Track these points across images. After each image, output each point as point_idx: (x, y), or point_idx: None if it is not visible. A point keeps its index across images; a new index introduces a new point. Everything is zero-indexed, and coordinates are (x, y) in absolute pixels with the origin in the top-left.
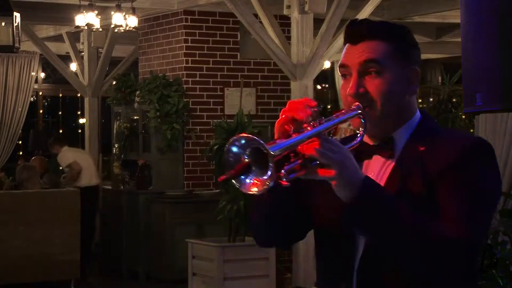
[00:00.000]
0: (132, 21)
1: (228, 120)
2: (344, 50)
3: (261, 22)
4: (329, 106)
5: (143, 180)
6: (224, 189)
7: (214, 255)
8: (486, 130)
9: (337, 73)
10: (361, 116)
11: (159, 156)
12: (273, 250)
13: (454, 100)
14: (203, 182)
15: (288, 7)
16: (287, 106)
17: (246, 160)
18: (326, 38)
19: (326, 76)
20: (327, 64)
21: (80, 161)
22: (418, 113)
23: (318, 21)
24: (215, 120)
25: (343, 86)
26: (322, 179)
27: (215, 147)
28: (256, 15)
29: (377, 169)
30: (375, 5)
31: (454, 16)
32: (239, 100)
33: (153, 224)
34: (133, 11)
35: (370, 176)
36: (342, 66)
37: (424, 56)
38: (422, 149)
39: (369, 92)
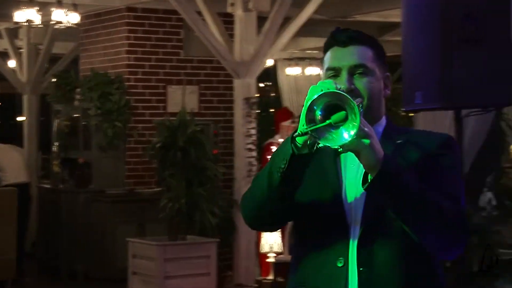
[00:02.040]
0: (74, 18)
1: (170, 118)
2: (331, 53)
3: (204, 20)
4: (272, 110)
5: (83, 178)
6: (165, 188)
7: (155, 254)
8: (426, 127)
9: (280, 71)
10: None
11: (100, 154)
12: (214, 248)
13: (393, 98)
14: (144, 181)
15: (232, 4)
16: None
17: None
18: (270, 36)
19: (269, 74)
20: (270, 62)
21: (3, 158)
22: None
23: (261, 19)
24: (157, 118)
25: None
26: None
27: (158, 145)
28: (199, 13)
29: (357, 160)
30: (318, 3)
31: (396, 15)
32: (182, 98)
33: (94, 223)
34: (75, 7)
35: (353, 163)
36: (332, 69)
37: None
38: (399, 142)
39: (357, 88)
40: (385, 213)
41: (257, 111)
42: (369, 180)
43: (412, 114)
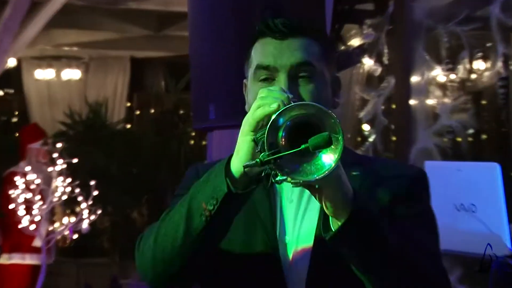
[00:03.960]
0: None
1: None
2: (262, 47)
3: None
4: (15, 119)
5: None
6: None
7: None
8: (222, 151)
9: (27, 74)
10: None
11: None
12: None
13: (181, 111)
14: None
15: None
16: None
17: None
18: (11, 27)
19: (10, 79)
20: (11, 62)
21: None
22: None
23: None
24: None
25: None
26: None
27: None
28: None
29: (298, 190)
30: None
31: (180, 3)
32: None
33: None
34: None
35: (292, 199)
36: (264, 68)
37: (141, 54)
38: (355, 174)
39: (302, 99)
40: (341, 270)
41: None
42: (333, 229)
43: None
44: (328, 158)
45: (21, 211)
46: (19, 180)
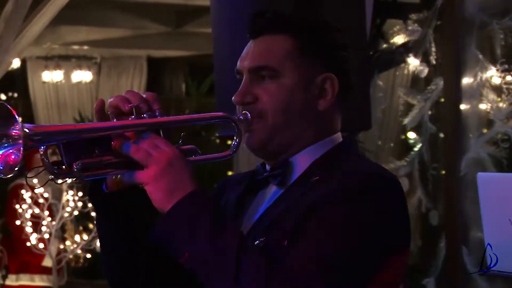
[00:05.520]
0: None
1: None
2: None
3: None
4: None
5: None
6: None
7: None
8: (251, 160)
9: (33, 76)
10: (234, 123)
11: None
12: None
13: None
14: None
15: None
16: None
17: None
18: (14, 22)
19: (13, 81)
20: (15, 63)
21: None
22: (337, 136)
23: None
24: None
25: None
26: (132, 182)
27: None
28: None
29: (268, 200)
30: None
31: None
32: None
33: None
34: None
35: (258, 208)
36: (237, 72)
37: (159, 53)
38: (315, 179)
39: (259, 101)
40: None
41: None
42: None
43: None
44: None
45: (28, 227)
46: (25, 194)
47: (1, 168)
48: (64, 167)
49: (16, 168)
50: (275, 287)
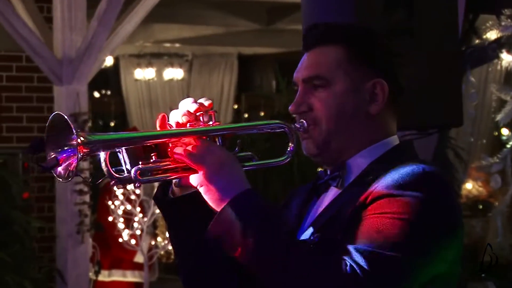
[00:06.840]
0: None
1: None
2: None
3: None
4: (113, 123)
5: None
6: None
7: None
8: None
9: (125, 74)
10: (287, 130)
11: None
12: None
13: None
14: None
15: None
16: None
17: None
18: (107, 22)
19: (108, 78)
20: (109, 61)
21: None
22: (392, 139)
23: None
24: None
25: None
26: (188, 185)
27: None
28: None
29: (327, 201)
30: None
31: None
32: None
33: None
34: None
35: (318, 209)
36: (293, 83)
37: (250, 50)
38: (370, 178)
39: (313, 109)
40: None
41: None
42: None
43: None
44: None
45: (121, 224)
46: (117, 190)
47: (62, 173)
48: (124, 173)
49: (71, 174)
50: (322, 276)
